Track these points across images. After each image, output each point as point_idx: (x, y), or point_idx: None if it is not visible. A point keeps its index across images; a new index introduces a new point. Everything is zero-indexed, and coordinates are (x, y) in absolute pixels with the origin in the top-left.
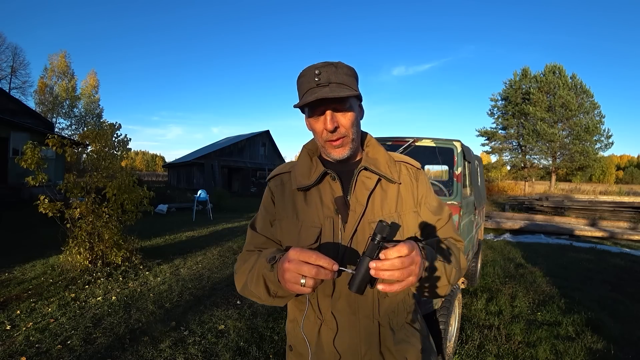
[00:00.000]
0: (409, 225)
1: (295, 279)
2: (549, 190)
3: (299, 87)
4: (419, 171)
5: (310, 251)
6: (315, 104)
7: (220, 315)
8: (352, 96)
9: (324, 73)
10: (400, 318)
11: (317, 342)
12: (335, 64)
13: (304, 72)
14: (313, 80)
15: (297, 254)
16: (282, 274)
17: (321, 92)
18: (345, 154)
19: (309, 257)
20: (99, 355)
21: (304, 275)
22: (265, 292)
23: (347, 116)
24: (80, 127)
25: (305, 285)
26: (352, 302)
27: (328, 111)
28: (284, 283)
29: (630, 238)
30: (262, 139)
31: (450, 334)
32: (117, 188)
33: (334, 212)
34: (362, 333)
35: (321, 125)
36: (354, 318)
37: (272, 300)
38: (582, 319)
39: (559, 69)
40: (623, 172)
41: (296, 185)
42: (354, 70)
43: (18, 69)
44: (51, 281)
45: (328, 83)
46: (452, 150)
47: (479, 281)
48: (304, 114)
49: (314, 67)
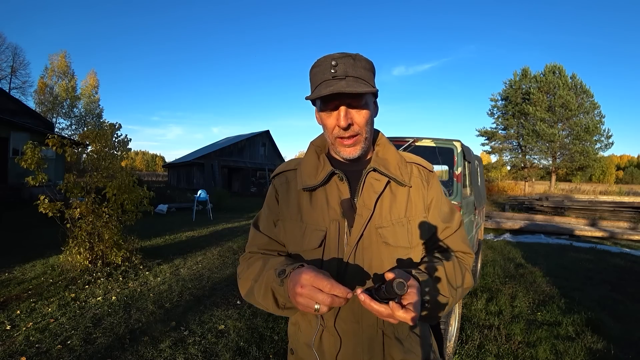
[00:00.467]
0: (418, 230)
1: (309, 304)
2: (549, 190)
3: (313, 77)
4: (431, 174)
5: (324, 278)
6: (330, 97)
7: (220, 315)
8: (369, 93)
9: (341, 65)
10: (404, 328)
11: (319, 348)
12: (353, 56)
13: (319, 61)
14: (329, 72)
15: (311, 280)
16: (294, 297)
17: (337, 85)
18: (356, 154)
19: (324, 285)
20: (99, 355)
21: (318, 302)
22: (273, 305)
23: (362, 114)
24: (80, 127)
25: (319, 311)
26: (355, 310)
27: (342, 107)
28: (296, 305)
29: (630, 238)
30: (262, 139)
31: (450, 334)
32: (117, 188)
33: (340, 215)
34: (365, 343)
35: (333, 121)
36: (357, 327)
37: (281, 311)
38: (582, 319)
39: (559, 69)
40: (623, 172)
41: (302, 185)
42: (372, 64)
43: (18, 69)
44: (51, 281)
45: (345, 76)
46: (452, 150)
47: (479, 281)
48: (314, 107)
49: (331, 57)
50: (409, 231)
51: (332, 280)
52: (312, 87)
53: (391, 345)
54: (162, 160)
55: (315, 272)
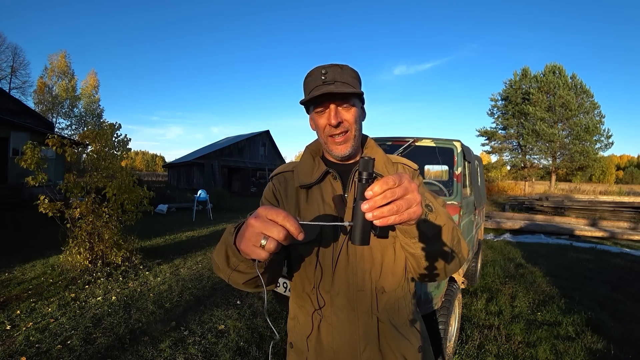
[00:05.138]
0: None
1: (256, 238)
2: (549, 190)
3: (306, 86)
4: (416, 172)
5: (281, 210)
6: (321, 99)
7: (220, 315)
8: (355, 94)
9: (330, 72)
10: (401, 316)
11: (317, 338)
12: (340, 66)
13: (311, 72)
14: (320, 79)
15: (266, 212)
16: (243, 232)
17: (327, 88)
18: (347, 152)
19: (277, 215)
20: (99, 355)
21: (267, 236)
22: (224, 261)
23: (350, 111)
24: (80, 127)
25: (265, 247)
26: (350, 297)
27: (332, 105)
28: (242, 242)
29: (630, 238)
30: (262, 139)
31: (450, 334)
32: (117, 188)
33: (334, 210)
34: (360, 329)
35: (325, 121)
36: (352, 314)
37: (230, 273)
38: (582, 319)
39: (559, 69)
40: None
41: (299, 183)
42: (357, 73)
43: (18, 69)
44: (51, 281)
45: (334, 81)
46: (452, 150)
47: (479, 281)
48: (308, 115)
49: (321, 67)
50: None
51: (289, 215)
52: (305, 94)
53: (386, 332)
54: (162, 160)
55: (272, 207)
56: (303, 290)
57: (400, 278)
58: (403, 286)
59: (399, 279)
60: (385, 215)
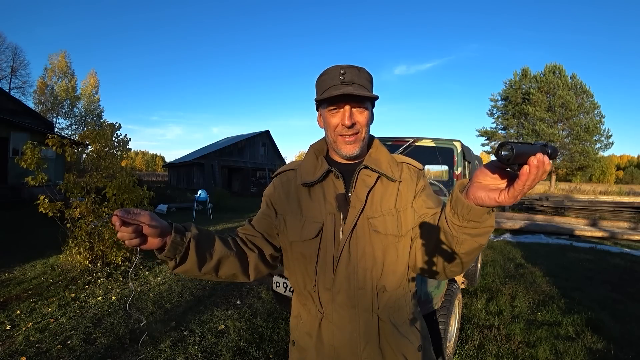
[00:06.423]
0: (407, 220)
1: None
2: (549, 190)
3: (321, 83)
4: (421, 172)
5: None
6: (338, 98)
7: (220, 315)
8: (370, 98)
9: (348, 73)
10: (401, 315)
11: (318, 336)
12: (358, 68)
13: (328, 70)
14: (338, 78)
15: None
16: None
17: (346, 88)
18: (355, 152)
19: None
20: (99, 355)
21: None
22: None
23: (363, 115)
24: (80, 127)
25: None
26: (351, 295)
27: (347, 106)
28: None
29: (630, 238)
30: (262, 139)
31: (450, 334)
32: (117, 188)
33: (335, 208)
34: (361, 327)
35: (338, 120)
36: (353, 312)
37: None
38: (582, 319)
39: (558, 69)
40: (623, 172)
41: (301, 181)
42: (372, 77)
43: (18, 69)
44: (51, 281)
45: (352, 83)
46: (452, 150)
47: (479, 281)
48: (317, 111)
49: (340, 67)
50: (398, 221)
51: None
52: (319, 91)
53: (386, 331)
54: (162, 160)
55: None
56: (304, 288)
57: (402, 277)
58: (404, 285)
59: (400, 279)
60: (532, 181)
